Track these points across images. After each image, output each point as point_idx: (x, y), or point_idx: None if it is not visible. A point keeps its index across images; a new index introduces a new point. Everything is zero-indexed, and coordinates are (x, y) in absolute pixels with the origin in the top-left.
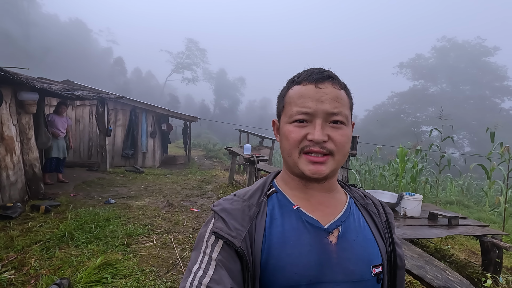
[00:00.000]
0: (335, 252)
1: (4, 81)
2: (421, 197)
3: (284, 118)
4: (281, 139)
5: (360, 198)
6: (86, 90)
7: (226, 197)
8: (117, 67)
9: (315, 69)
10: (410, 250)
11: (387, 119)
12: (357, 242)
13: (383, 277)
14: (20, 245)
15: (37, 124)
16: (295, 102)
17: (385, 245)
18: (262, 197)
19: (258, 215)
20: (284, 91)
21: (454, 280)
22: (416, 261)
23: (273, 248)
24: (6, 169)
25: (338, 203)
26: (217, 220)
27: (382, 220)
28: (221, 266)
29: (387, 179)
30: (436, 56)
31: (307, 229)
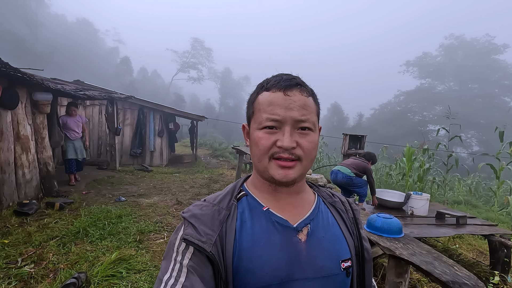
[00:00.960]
0: (304, 249)
1: (20, 82)
2: (429, 196)
3: (254, 124)
4: (251, 145)
5: (328, 196)
6: (97, 90)
7: (196, 203)
8: (123, 66)
9: (283, 76)
10: (419, 247)
11: (393, 118)
12: (326, 238)
13: (352, 271)
14: (38, 241)
15: (50, 124)
16: (264, 109)
17: (353, 240)
18: (232, 200)
19: (228, 218)
20: (253, 96)
21: (462, 275)
22: (425, 257)
23: (244, 250)
24: (22, 167)
25: (306, 203)
26: (187, 227)
27: (349, 217)
28: (193, 272)
29: (394, 178)
30: (444, 54)
31: (277, 229)
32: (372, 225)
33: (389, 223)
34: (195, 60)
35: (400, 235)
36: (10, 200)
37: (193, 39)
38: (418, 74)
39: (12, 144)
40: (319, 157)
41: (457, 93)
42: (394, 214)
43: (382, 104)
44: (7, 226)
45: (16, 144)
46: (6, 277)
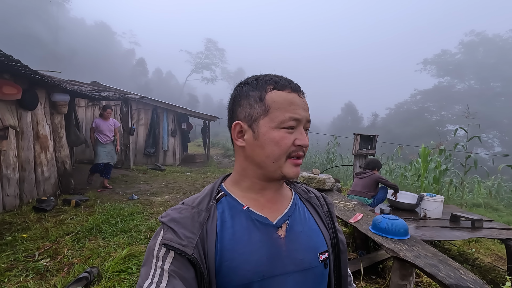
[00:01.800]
0: (284, 245)
1: (39, 84)
2: (443, 198)
3: (268, 123)
4: (265, 145)
5: (303, 192)
6: (112, 91)
7: (174, 206)
8: (139, 68)
9: (287, 78)
10: (424, 249)
11: (410, 118)
12: (304, 233)
13: (330, 262)
14: (54, 236)
15: (67, 124)
16: (285, 108)
17: (329, 233)
18: (211, 201)
19: (209, 220)
20: (258, 94)
21: (468, 279)
22: (430, 260)
23: (226, 250)
24: (41, 165)
25: (284, 199)
26: (166, 231)
27: (324, 211)
28: (174, 276)
29: (409, 180)
30: (464, 52)
31: (257, 227)
32: (377, 226)
33: (394, 224)
34: (208, 61)
35: (406, 237)
36: (30, 197)
37: (207, 40)
38: (436, 73)
39: (31, 143)
40: (332, 157)
41: (478, 91)
42: (406, 216)
43: (398, 103)
44: (27, 221)
45: (35, 143)
46: (24, 270)
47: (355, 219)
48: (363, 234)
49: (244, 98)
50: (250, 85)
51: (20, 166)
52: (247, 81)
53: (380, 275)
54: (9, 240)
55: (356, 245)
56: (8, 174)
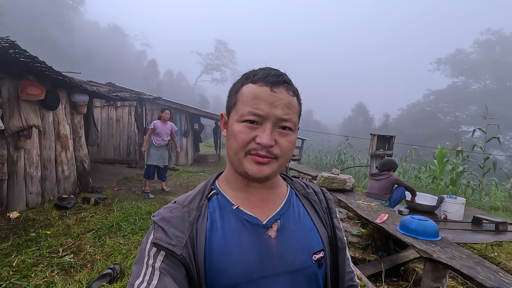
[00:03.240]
0: (274, 245)
1: (61, 85)
2: (464, 200)
3: (234, 115)
4: (229, 137)
5: (301, 188)
6: (127, 91)
7: (166, 205)
8: (151, 69)
9: (271, 71)
10: (458, 251)
11: (422, 119)
12: (296, 232)
13: (325, 261)
14: (76, 233)
15: (86, 124)
16: (248, 102)
17: (326, 230)
18: (202, 200)
19: (199, 219)
20: (237, 86)
21: (508, 282)
22: (466, 262)
23: (215, 250)
24: (62, 164)
25: (277, 197)
26: (156, 231)
27: (323, 207)
28: (166, 274)
29: (423, 182)
30: (479, 51)
31: (246, 227)
32: (406, 226)
33: (424, 225)
34: (218, 62)
35: (437, 238)
36: (51, 195)
37: (217, 41)
38: (450, 72)
39: (53, 142)
40: (344, 158)
41: (495, 91)
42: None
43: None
44: (49, 219)
45: (56, 142)
46: (49, 265)
47: (381, 220)
48: (383, 236)
49: (230, 90)
50: (239, 78)
51: (42, 164)
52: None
53: (402, 278)
54: (34, 237)
55: (376, 246)
56: (31, 172)
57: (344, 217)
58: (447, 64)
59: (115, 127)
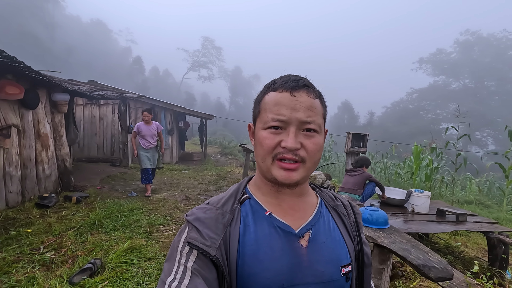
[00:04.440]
0: (306, 255)
1: (41, 84)
2: (430, 194)
3: (259, 123)
4: (256, 145)
5: (330, 200)
6: (110, 90)
7: (199, 205)
8: (136, 66)
9: (291, 76)
10: (400, 236)
11: (405, 117)
12: (327, 244)
13: (352, 275)
14: (57, 230)
15: (67, 122)
16: (270, 109)
17: (354, 245)
18: (235, 203)
19: (232, 222)
20: (260, 96)
21: (434, 260)
22: (404, 245)
23: (247, 255)
24: (42, 163)
25: (308, 206)
26: (191, 230)
27: (351, 221)
28: (197, 275)
29: (403, 177)
30: (459, 51)
31: (279, 234)
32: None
33: (375, 215)
34: (205, 59)
35: (386, 226)
36: (32, 194)
37: (204, 38)
38: (431, 71)
39: (33, 141)
40: (328, 155)
41: (473, 90)
42: (396, 211)
43: (394, 102)
44: (30, 217)
45: (36, 141)
46: (30, 262)
47: None
48: None
49: (254, 102)
50: (262, 89)
51: (22, 164)
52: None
53: None
54: (14, 235)
55: None
56: (10, 171)
57: None
58: (428, 63)
59: (99, 125)
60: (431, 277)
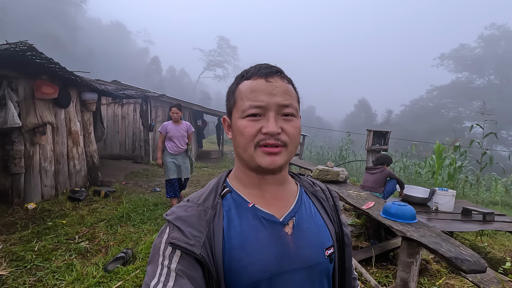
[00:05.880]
0: (291, 242)
1: (72, 83)
2: (454, 193)
3: (236, 113)
4: (235, 135)
5: (309, 186)
6: (133, 89)
7: (179, 203)
8: (153, 66)
9: (262, 65)
10: (430, 231)
11: (425, 115)
12: (310, 229)
13: (334, 256)
14: (89, 222)
15: (94, 120)
16: (247, 97)
17: (334, 227)
18: (216, 198)
19: (215, 217)
20: (233, 87)
21: (466, 254)
22: (434, 239)
23: (234, 249)
24: (73, 159)
25: (290, 194)
26: (172, 230)
27: (330, 204)
28: (182, 275)
29: (423, 177)
30: (483, 46)
31: (264, 225)
32: (387, 211)
33: (403, 210)
34: (221, 58)
35: (414, 221)
36: (64, 188)
37: (219, 38)
38: (454, 68)
39: (65, 138)
40: (345, 154)
41: (498, 87)
42: (418, 209)
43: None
44: (63, 209)
45: (68, 138)
46: (68, 250)
47: (367, 206)
48: (375, 225)
49: (227, 93)
50: (233, 81)
51: (55, 159)
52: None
53: (391, 262)
54: (51, 225)
55: (368, 234)
56: (45, 166)
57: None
58: (450, 60)
59: (121, 123)
60: (463, 269)
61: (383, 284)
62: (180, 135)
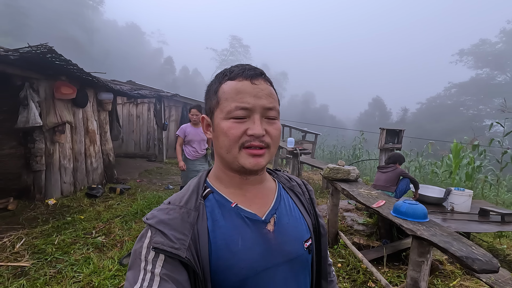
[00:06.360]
0: (274, 239)
1: (89, 84)
2: (471, 193)
3: (219, 114)
4: (218, 136)
5: (286, 181)
6: (147, 89)
7: (159, 207)
8: (167, 66)
9: (246, 66)
10: (441, 230)
11: (443, 113)
12: (290, 224)
13: (312, 247)
14: (106, 218)
15: (110, 120)
16: (232, 98)
17: (311, 219)
18: (198, 199)
19: (199, 219)
20: (215, 86)
21: (478, 253)
22: (445, 238)
23: (220, 249)
24: (90, 157)
25: (269, 191)
26: (154, 234)
27: (306, 198)
28: (167, 280)
29: (440, 176)
30: (506, 41)
31: (247, 224)
32: (398, 210)
33: (414, 208)
34: (233, 58)
35: (425, 220)
36: (82, 185)
37: (232, 37)
38: (473, 64)
39: (83, 137)
40: (359, 153)
41: None
42: (433, 209)
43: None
44: (81, 205)
45: (85, 137)
46: (85, 245)
47: (377, 205)
48: (387, 224)
49: (208, 92)
50: (214, 79)
51: (74, 157)
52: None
53: (403, 262)
54: (70, 220)
55: (380, 234)
56: (65, 164)
57: (352, 208)
58: (470, 55)
59: (136, 123)
60: (474, 268)
61: (395, 284)
62: (200, 138)
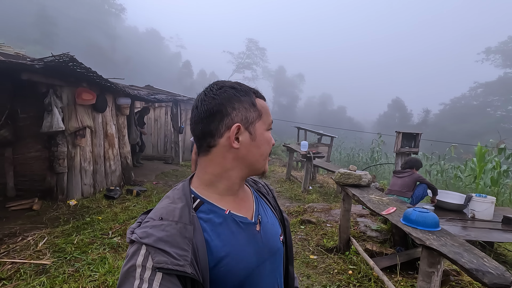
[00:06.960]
0: (261, 238)
1: (108, 90)
2: (494, 199)
3: (262, 125)
4: (261, 144)
5: (254, 184)
6: (164, 93)
7: (150, 223)
8: (185, 70)
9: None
10: (452, 240)
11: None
12: (269, 222)
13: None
14: (122, 219)
15: (128, 124)
16: (267, 113)
17: (278, 215)
18: (191, 212)
19: (195, 232)
20: (250, 99)
21: (489, 266)
22: (455, 249)
23: (220, 257)
24: (109, 160)
25: (249, 195)
26: (155, 254)
27: (271, 197)
28: None
29: (463, 181)
30: None
31: (242, 228)
32: (408, 217)
33: (424, 216)
34: (249, 61)
35: (436, 229)
36: (101, 186)
37: (248, 40)
38: (501, 62)
39: (102, 140)
40: (377, 156)
41: None
42: (452, 216)
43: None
44: (100, 206)
45: (105, 140)
46: (102, 245)
47: (387, 212)
48: (402, 231)
49: (237, 102)
50: (237, 91)
51: (93, 160)
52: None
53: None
54: (89, 221)
55: (394, 241)
56: (85, 166)
57: (366, 213)
58: (498, 54)
59: (153, 126)
60: (485, 282)
61: None
62: None
